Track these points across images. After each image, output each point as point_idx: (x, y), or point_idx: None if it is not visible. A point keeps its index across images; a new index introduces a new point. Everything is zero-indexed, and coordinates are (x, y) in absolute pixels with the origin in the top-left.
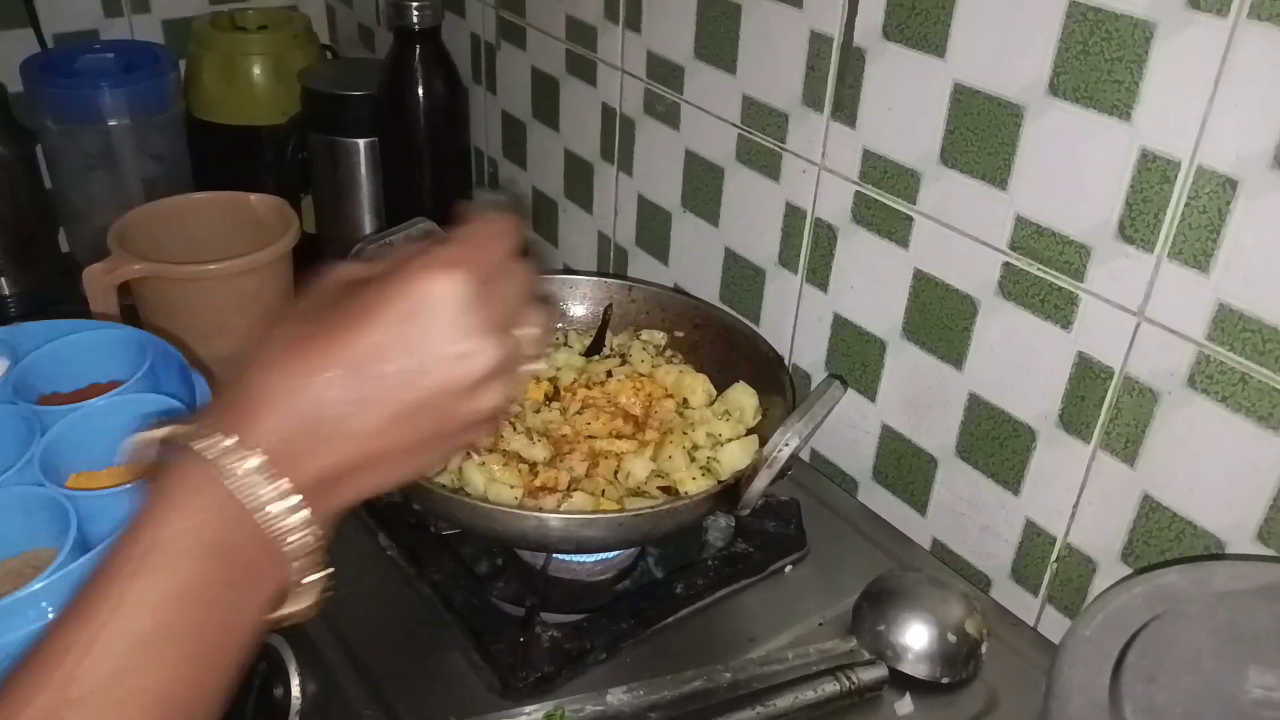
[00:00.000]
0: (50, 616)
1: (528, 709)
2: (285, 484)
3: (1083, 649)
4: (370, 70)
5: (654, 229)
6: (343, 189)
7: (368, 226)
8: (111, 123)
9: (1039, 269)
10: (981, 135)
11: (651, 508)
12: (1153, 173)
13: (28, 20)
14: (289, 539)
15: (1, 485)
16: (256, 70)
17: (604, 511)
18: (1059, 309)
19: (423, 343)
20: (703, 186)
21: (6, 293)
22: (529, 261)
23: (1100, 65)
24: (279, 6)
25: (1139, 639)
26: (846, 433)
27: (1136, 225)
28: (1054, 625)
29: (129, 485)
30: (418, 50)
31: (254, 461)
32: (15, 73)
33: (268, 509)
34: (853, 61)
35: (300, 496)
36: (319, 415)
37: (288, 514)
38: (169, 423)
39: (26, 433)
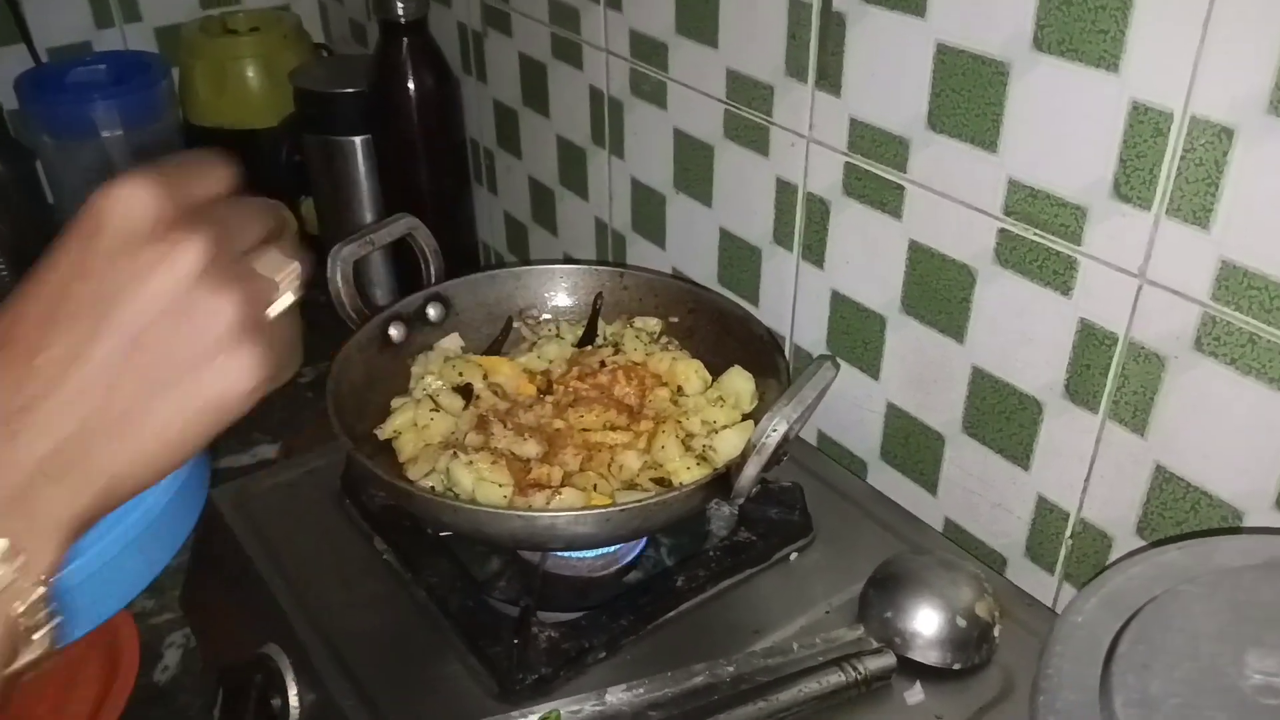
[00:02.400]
0: None
1: (526, 712)
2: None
3: (1075, 636)
4: (362, 67)
5: (649, 212)
6: (341, 189)
7: (369, 223)
8: (106, 135)
9: (1035, 234)
10: (968, 96)
11: (640, 501)
12: (1145, 126)
13: (20, 36)
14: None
15: None
16: (249, 73)
17: (592, 507)
18: (1058, 274)
19: (106, 259)
20: (693, 166)
21: None
22: (267, 206)
23: (1084, 15)
24: (270, 8)
25: (1134, 623)
26: (851, 413)
27: (1132, 182)
28: None
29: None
30: (405, 43)
31: None
32: (10, 90)
33: None
34: (833, 27)
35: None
36: (9, 398)
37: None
38: None
39: None
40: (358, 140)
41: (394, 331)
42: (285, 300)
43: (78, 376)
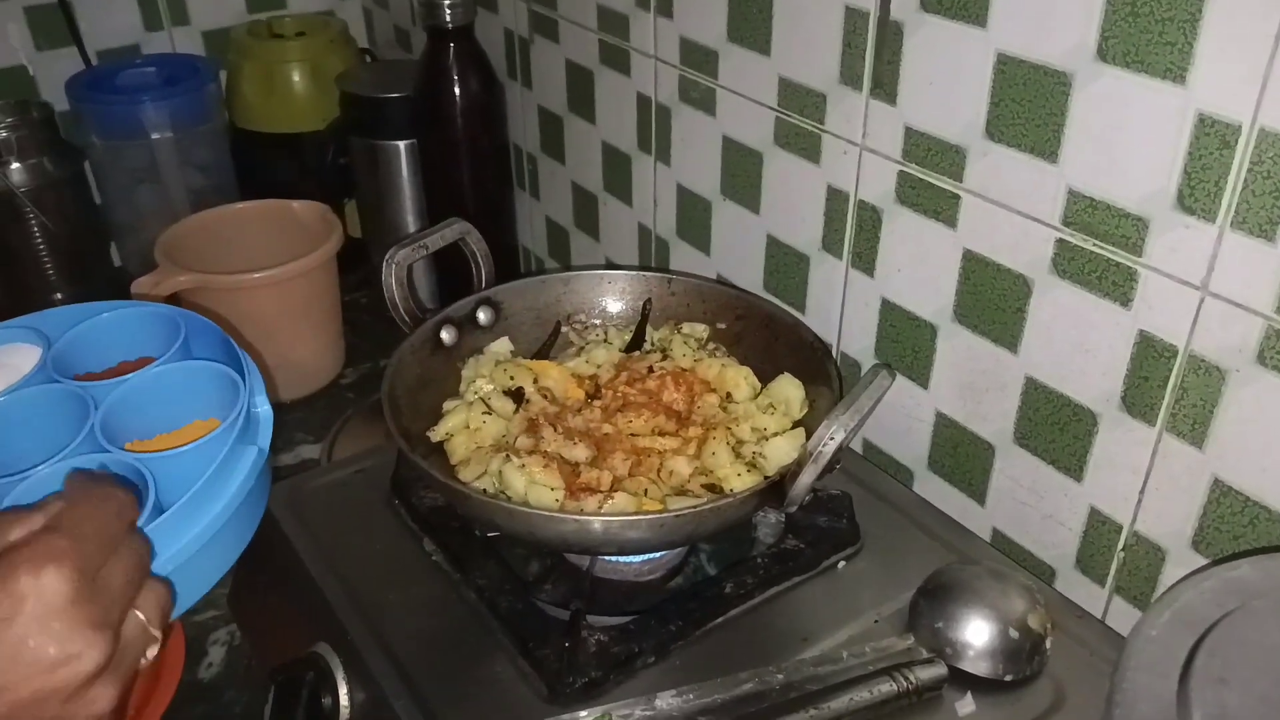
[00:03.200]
0: None
1: (575, 715)
2: None
3: (1149, 650)
4: (407, 72)
5: (694, 219)
6: (384, 192)
7: (411, 227)
8: (155, 136)
9: (1094, 244)
10: (1028, 106)
11: (694, 507)
12: (1211, 138)
13: (71, 39)
14: None
15: (67, 457)
16: (296, 77)
17: (646, 512)
18: (1117, 285)
19: (15, 650)
20: (741, 173)
21: None
22: (141, 538)
23: (1150, 26)
24: (316, 12)
25: (1209, 638)
26: (899, 421)
27: (1196, 194)
28: (1123, 617)
29: (198, 442)
30: (452, 49)
31: None
32: (61, 92)
33: None
34: (890, 36)
35: None
36: None
37: None
38: None
39: (79, 409)
40: (402, 144)
41: (445, 335)
42: (151, 653)
43: None
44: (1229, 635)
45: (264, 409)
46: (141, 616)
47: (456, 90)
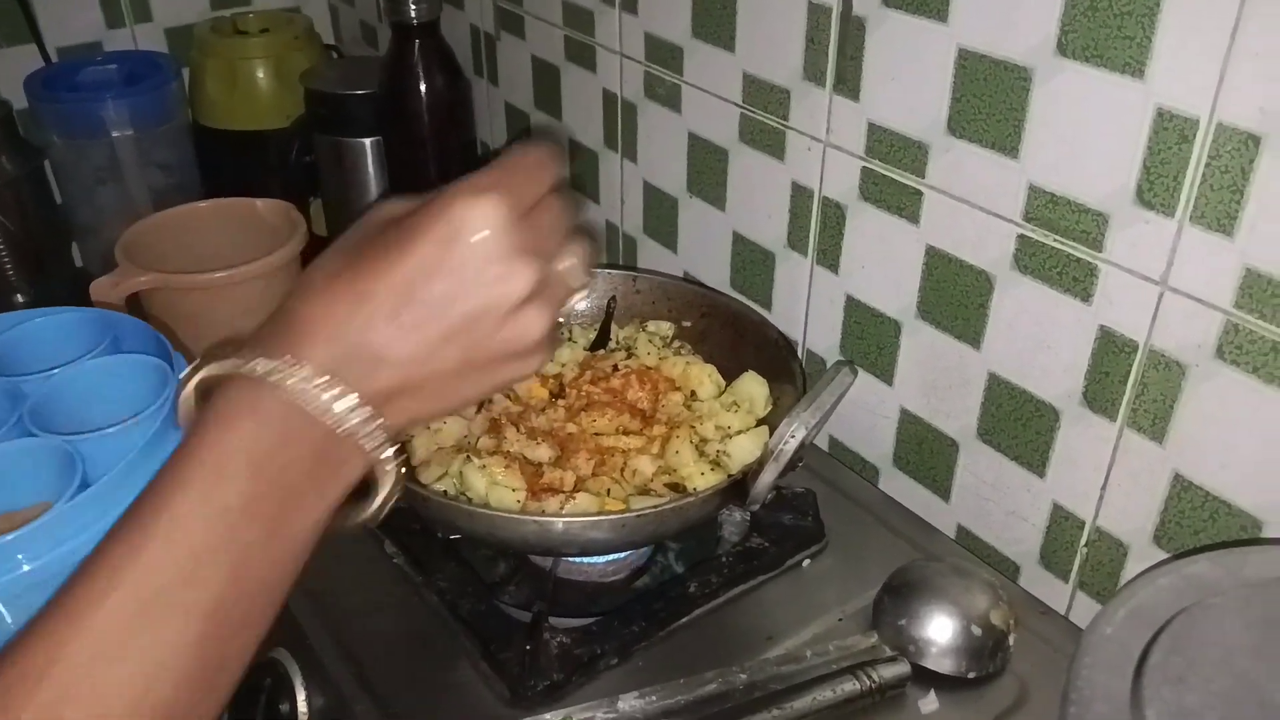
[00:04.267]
0: (25, 569)
1: (538, 718)
2: (333, 400)
3: (1104, 648)
4: (373, 69)
5: (661, 216)
6: (350, 189)
7: None
8: (116, 135)
9: (1055, 240)
10: (989, 102)
11: (655, 507)
12: (1170, 132)
13: (30, 35)
14: (357, 432)
15: None
16: (260, 74)
17: (608, 513)
18: (1078, 281)
19: (461, 265)
20: (707, 170)
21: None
22: (568, 197)
23: (1110, 21)
24: (280, 9)
25: (1165, 635)
26: (864, 418)
27: (1155, 189)
28: (1086, 612)
29: (125, 424)
30: (417, 45)
31: (305, 371)
32: (20, 89)
33: (330, 409)
34: (853, 31)
35: (357, 396)
36: (361, 341)
37: (349, 412)
38: (207, 363)
39: (7, 402)
40: (368, 141)
41: None
42: (572, 307)
43: (418, 347)
44: (1185, 632)
45: None
46: (566, 264)
47: (422, 87)
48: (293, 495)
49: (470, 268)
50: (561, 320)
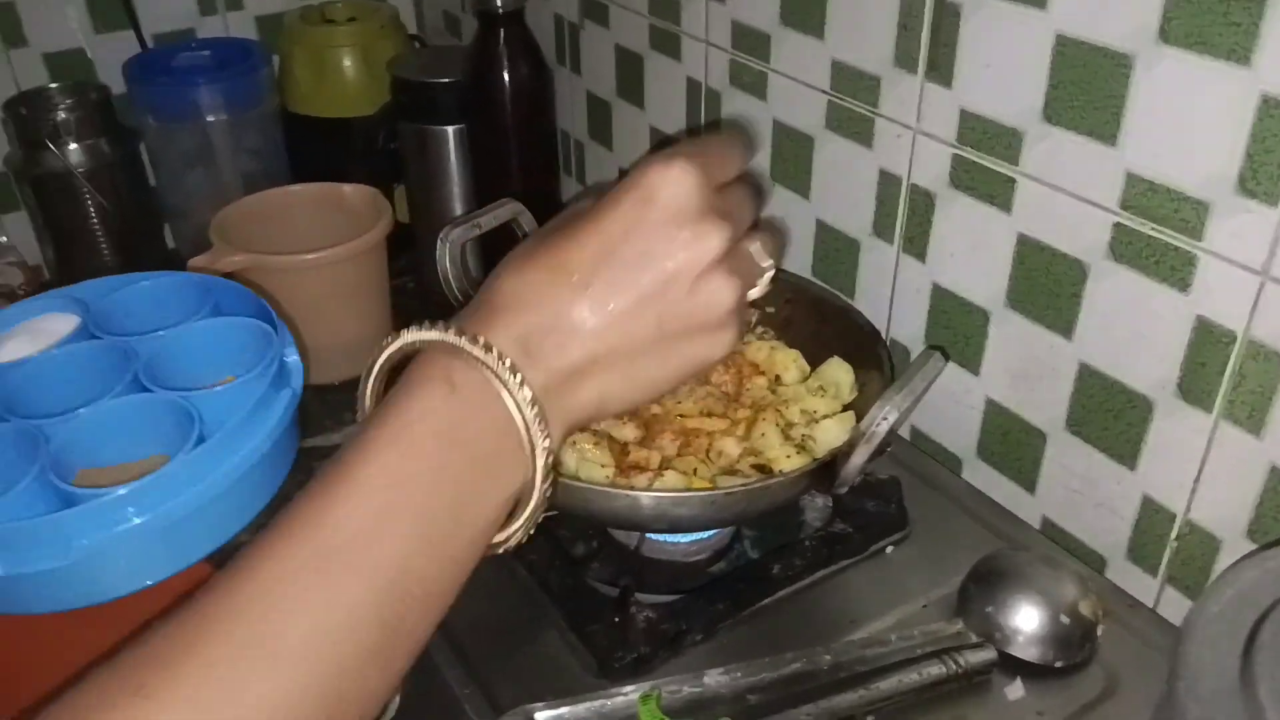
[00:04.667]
0: (134, 521)
1: (624, 690)
2: (523, 381)
3: (1211, 626)
4: (458, 58)
5: None
6: (433, 177)
7: (458, 213)
8: (209, 119)
9: (1153, 228)
10: (1087, 89)
11: (745, 485)
12: (1275, 120)
13: (128, 22)
14: (527, 433)
15: (115, 397)
16: (347, 62)
17: (697, 489)
18: (1175, 270)
19: (654, 225)
20: (792, 157)
21: None
22: (756, 185)
23: (1215, 7)
24: None
25: (1273, 615)
26: (949, 408)
27: (1259, 177)
28: (1175, 606)
29: (237, 381)
30: (502, 34)
31: (493, 356)
32: (118, 74)
33: (507, 402)
34: (947, 18)
35: (534, 395)
36: (558, 310)
37: (526, 408)
38: (405, 333)
39: (120, 362)
40: (451, 130)
41: None
42: (761, 288)
43: (612, 313)
44: None
45: (293, 359)
46: (758, 244)
47: (506, 76)
48: (479, 468)
49: (662, 228)
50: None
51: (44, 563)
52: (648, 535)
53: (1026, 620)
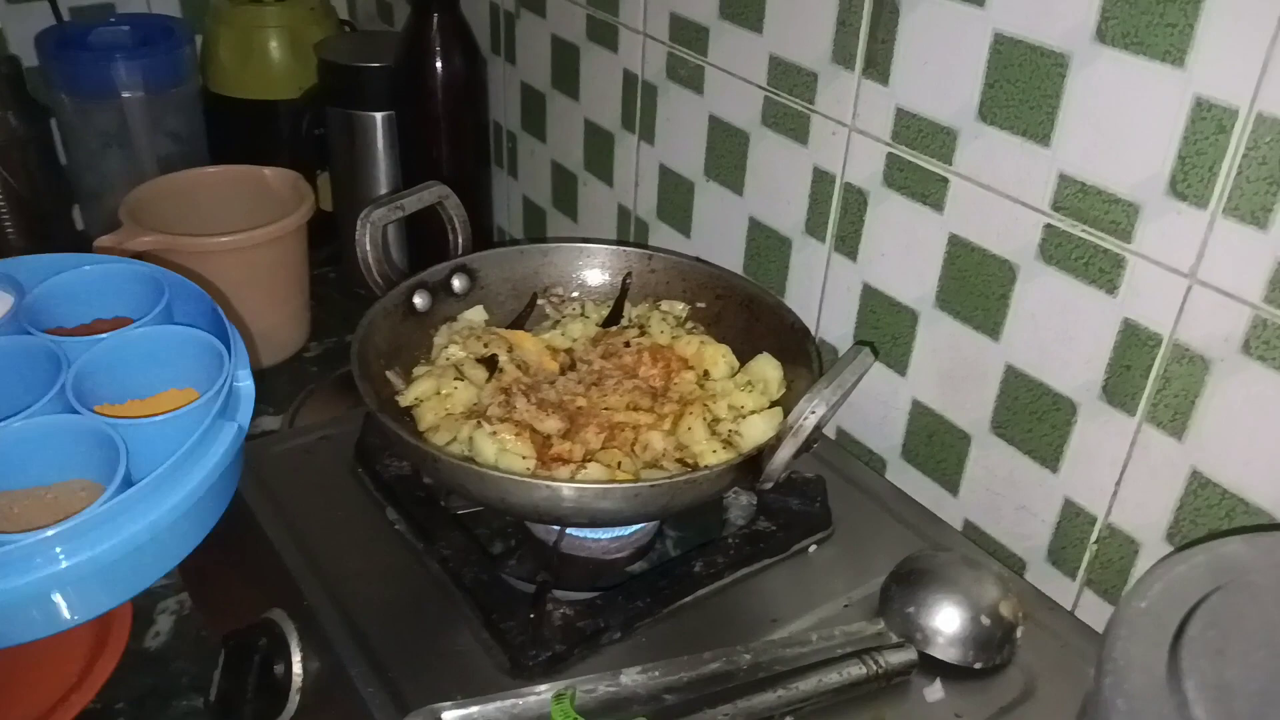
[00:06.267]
0: (63, 564)
1: (538, 689)
2: None
3: (1139, 621)
4: (388, 43)
5: (676, 200)
6: (359, 163)
7: None
8: (126, 96)
9: (1083, 230)
10: (1023, 88)
11: (669, 478)
12: (1208, 122)
13: None
14: None
15: (35, 414)
16: (273, 44)
17: (619, 482)
18: (1104, 272)
19: None
20: (727, 154)
21: None
22: None
23: (1152, 7)
24: None
25: (1200, 611)
26: (875, 409)
27: (1189, 180)
28: (1093, 609)
29: (177, 413)
30: (435, 20)
31: None
32: (30, 47)
33: None
34: (886, 14)
35: None
36: None
37: None
38: None
39: (49, 365)
40: (379, 116)
41: (419, 300)
42: None
43: None
44: (1223, 608)
45: (246, 384)
46: None
47: (438, 64)
48: None
49: None
50: (576, 296)
51: None
52: (568, 531)
53: (947, 621)
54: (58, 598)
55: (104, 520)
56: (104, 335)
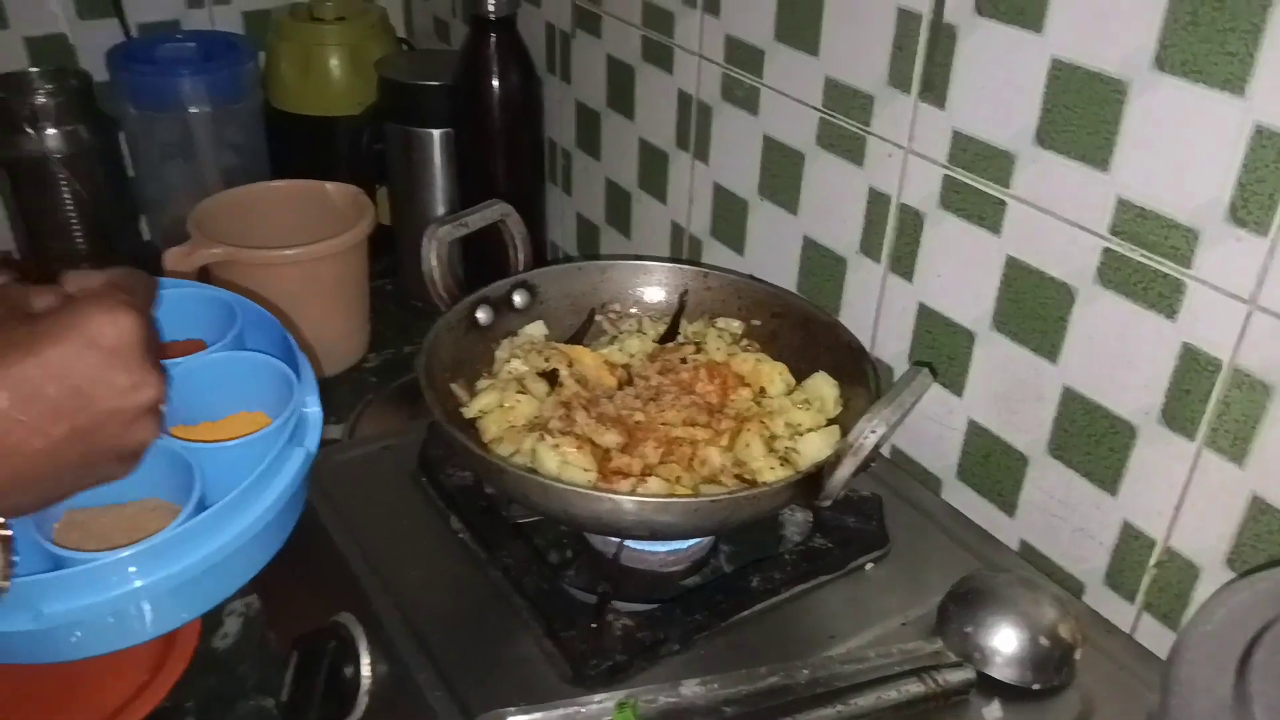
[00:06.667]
0: (137, 583)
1: (598, 698)
2: None
3: (1204, 645)
4: (446, 61)
5: (729, 218)
6: (417, 179)
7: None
8: (191, 110)
9: (1142, 255)
10: (1081, 113)
11: (729, 493)
12: (1268, 150)
13: (113, 10)
14: None
15: None
16: (334, 61)
17: (680, 496)
18: (1163, 297)
19: (99, 371)
20: (781, 173)
21: None
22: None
23: (1211, 36)
24: None
25: (1267, 636)
26: (930, 428)
27: (1249, 206)
28: (1151, 633)
29: (248, 439)
30: (493, 40)
31: None
32: (100, 62)
33: None
34: (943, 39)
35: None
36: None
37: None
38: None
39: None
40: (437, 133)
41: (481, 315)
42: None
43: (43, 444)
44: None
45: (314, 410)
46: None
47: (495, 82)
48: None
49: (107, 376)
50: (633, 313)
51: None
52: (626, 543)
53: (1005, 642)
54: (133, 612)
55: (179, 542)
56: (181, 359)
